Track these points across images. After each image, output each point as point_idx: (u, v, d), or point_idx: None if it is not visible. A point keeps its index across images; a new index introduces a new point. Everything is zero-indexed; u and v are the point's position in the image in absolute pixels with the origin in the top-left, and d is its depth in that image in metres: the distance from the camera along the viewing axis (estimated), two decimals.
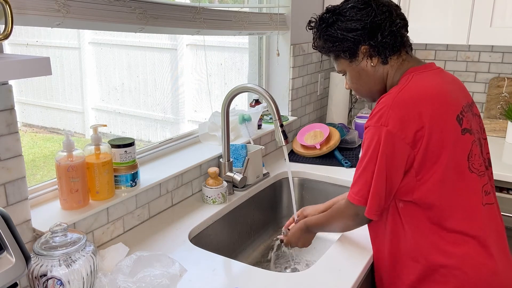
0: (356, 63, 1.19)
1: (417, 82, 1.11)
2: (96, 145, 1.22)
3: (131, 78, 3.73)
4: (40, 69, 0.80)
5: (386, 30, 1.13)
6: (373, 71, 1.18)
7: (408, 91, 1.08)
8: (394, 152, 1.05)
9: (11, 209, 1.01)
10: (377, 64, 1.17)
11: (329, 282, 1.11)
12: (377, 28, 1.13)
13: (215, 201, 1.53)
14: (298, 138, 2.12)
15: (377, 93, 1.22)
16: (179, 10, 1.49)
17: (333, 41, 1.18)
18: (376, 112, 1.08)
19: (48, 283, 0.92)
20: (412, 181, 1.07)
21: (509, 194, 1.85)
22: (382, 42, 1.14)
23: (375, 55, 1.16)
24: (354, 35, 1.14)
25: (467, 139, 1.10)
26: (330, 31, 1.17)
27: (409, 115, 1.04)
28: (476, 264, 1.07)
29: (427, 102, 1.06)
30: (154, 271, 1.05)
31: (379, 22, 1.13)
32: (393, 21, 1.14)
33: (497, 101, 2.34)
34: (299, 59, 2.22)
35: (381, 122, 1.05)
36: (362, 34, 1.14)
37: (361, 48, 1.16)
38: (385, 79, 1.19)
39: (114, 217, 1.28)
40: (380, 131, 1.05)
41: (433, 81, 1.12)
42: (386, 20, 1.13)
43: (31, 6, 1.01)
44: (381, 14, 1.13)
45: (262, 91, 1.44)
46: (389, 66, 1.17)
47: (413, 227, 1.10)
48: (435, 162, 1.05)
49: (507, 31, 1.99)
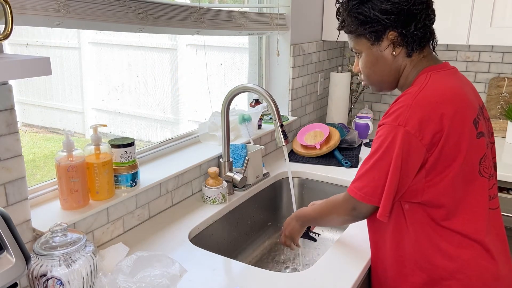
0: (377, 48, 1.12)
1: (436, 82, 1.07)
2: (96, 145, 1.22)
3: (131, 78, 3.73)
4: (40, 69, 0.80)
5: (420, 22, 1.07)
6: (392, 60, 1.12)
7: (429, 91, 1.04)
8: (410, 153, 1.01)
9: (11, 209, 1.01)
10: (398, 55, 1.11)
11: (329, 282, 1.11)
12: (413, 17, 1.07)
13: (215, 201, 1.53)
14: (298, 138, 2.12)
15: (387, 84, 1.18)
16: (179, 10, 1.49)
17: (362, 20, 1.09)
18: (394, 110, 1.04)
19: (48, 283, 0.92)
20: (421, 182, 1.04)
21: (509, 194, 1.85)
22: (413, 34, 1.08)
23: (401, 45, 1.10)
24: (387, 18, 1.07)
25: (481, 143, 1.08)
26: (362, 9, 1.08)
27: (430, 116, 1.00)
28: (480, 268, 1.06)
29: (448, 104, 1.02)
30: (154, 271, 1.05)
31: (415, 12, 1.06)
32: (428, 15, 1.09)
33: (497, 101, 2.34)
34: (299, 59, 2.22)
35: (399, 122, 1.01)
36: (395, 19, 1.07)
37: (388, 33, 1.09)
38: (400, 72, 1.14)
39: (114, 217, 1.28)
40: (397, 130, 1.01)
41: (451, 82, 1.08)
42: (423, 11, 1.07)
43: (31, 6, 1.01)
44: (420, 4, 1.07)
45: (262, 91, 1.44)
46: (409, 60, 1.12)
47: (418, 230, 1.08)
48: (448, 166, 1.02)
49: (507, 31, 1.99)
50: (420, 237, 1.08)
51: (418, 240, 1.09)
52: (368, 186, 1.07)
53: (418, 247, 1.09)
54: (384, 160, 1.03)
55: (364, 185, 1.08)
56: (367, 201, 1.07)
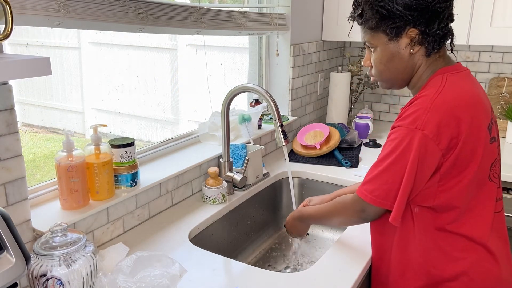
0: (394, 44, 1.07)
1: (453, 85, 1.03)
2: (96, 145, 1.22)
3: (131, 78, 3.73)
4: (40, 69, 0.80)
5: (443, 21, 1.03)
6: (408, 58, 1.08)
7: (448, 95, 1.01)
8: (426, 157, 0.98)
9: (11, 209, 1.01)
10: (416, 53, 1.07)
11: (329, 282, 1.11)
12: (437, 16, 1.02)
13: (215, 201, 1.53)
14: (298, 138, 2.12)
15: (399, 82, 1.14)
16: (179, 10, 1.49)
17: (384, 14, 1.03)
18: (411, 113, 1.00)
19: (48, 283, 0.92)
20: (434, 187, 1.02)
21: (509, 194, 1.85)
22: (435, 33, 1.04)
23: (421, 44, 1.05)
24: (410, 14, 1.01)
25: (493, 148, 1.07)
26: (385, 2, 1.03)
27: (448, 121, 0.98)
28: (484, 271, 1.06)
29: (466, 109, 1.00)
30: (154, 271, 1.05)
31: (439, 10, 1.02)
32: (451, 14, 1.05)
33: (497, 101, 2.34)
34: (299, 59, 2.22)
35: (417, 125, 0.98)
36: (418, 16, 1.02)
37: (408, 30, 1.04)
38: (414, 71, 1.10)
39: (114, 217, 1.28)
40: (414, 134, 0.98)
41: (467, 85, 1.06)
42: (446, 10, 1.03)
43: (31, 6, 1.01)
44: (444, 2, 1.02)
45: (262, 91, 1.44)
46: (426, 59, 1.08)
47: (424, 232, 1.07)
48: (462, 171, 1.01)
49: (507, 31, 1.99)
50: (425, 240, 1.07)
51: (424, 243, 1.08)
52: (380, 189, 1.04)
53: (423, 250, 1.08)
54: (399, 163, 1.00)
55: (376, 187, 1.05)
56: (378, 204, 1.04)
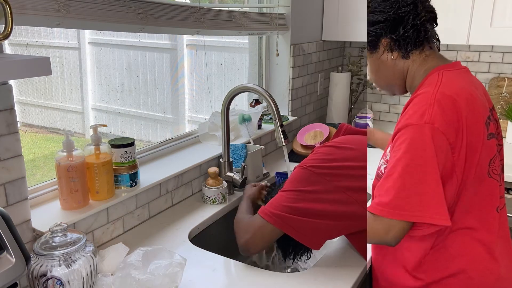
0: (376, 55, 1.14)
1: (449, 80, 1.04)
2: (96, 145, 1.22)
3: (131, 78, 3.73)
4: (40, 69, 0.80)
5: (408, 23, 1.07)
6: (393, 64, 1.13)
7: (446, 89, 1.01)
8: (442, 150, 0.96)
9: (11, 209, 1.01)
10: (397, 58, 1.12)
11: (329, 282, 1.11)
12: (400, 21, 1.07)
13: (215, 201, 1.53)
14: (298, 138, 2.12)
15: (396, 87, 1.18)
16: (179, 10, 1.49)
17: None
18: (415, 111, 0.99)
19: (48, 283, 0.92)
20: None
21: (509, 194, 1.85)
22: (403, 36, 1.08)
23: (396, 49, 1.11)
24: (375, 28, 1.10)
25: (492, 144, 1.07)
26: None
27: (451, 115, 0.98)
28: (482, 269, 1.06)
29: (463, 104, 1.00)
30: (162, 262, 1.05)
31: (402, 15, 1.07)
32: (418, 14, 1.08)
33: (497, 101, 2.34)
34: (299, 59, 2.22)
35: (425, 120, 0.96)
36: (384, 27, 1.09)
37: (382, 41, 1.11)
38: (405, 74, 1.14)
39: (114, 217, 1.28)
40: (425, 128, 0.96)
41: (464, 82, 1.06)
42: (410, 13, 1.07)
43: (31, 6, 1.01)
44: (405, 6, 1.07)
45: (262, 91, 1.44)
46: (411, 61, 1.12)
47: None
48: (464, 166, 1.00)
49: (507, 31, 1.99)
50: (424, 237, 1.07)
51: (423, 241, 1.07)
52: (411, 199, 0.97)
53: (423, 248, 1.07)
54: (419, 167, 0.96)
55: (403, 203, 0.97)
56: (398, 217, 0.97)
